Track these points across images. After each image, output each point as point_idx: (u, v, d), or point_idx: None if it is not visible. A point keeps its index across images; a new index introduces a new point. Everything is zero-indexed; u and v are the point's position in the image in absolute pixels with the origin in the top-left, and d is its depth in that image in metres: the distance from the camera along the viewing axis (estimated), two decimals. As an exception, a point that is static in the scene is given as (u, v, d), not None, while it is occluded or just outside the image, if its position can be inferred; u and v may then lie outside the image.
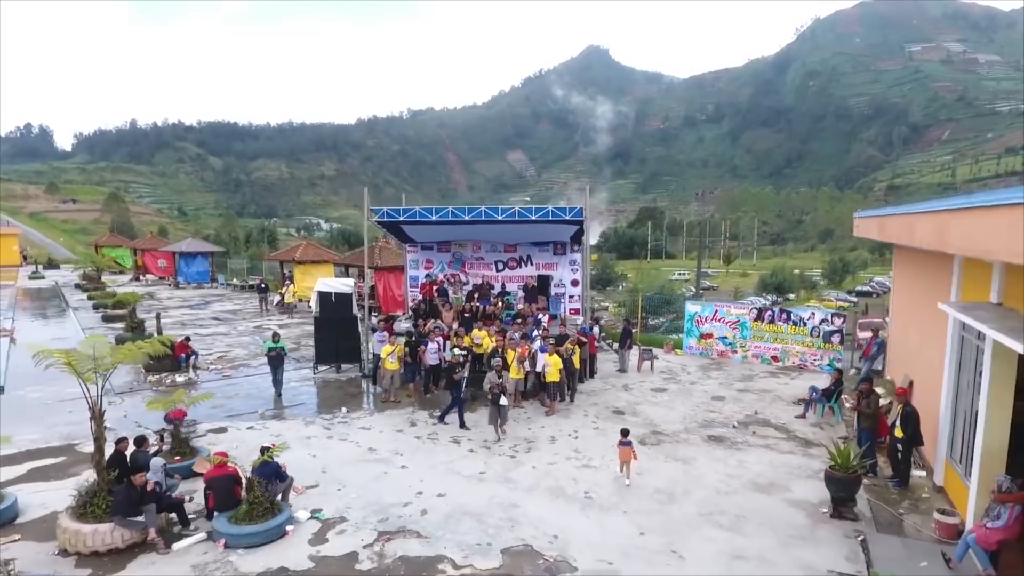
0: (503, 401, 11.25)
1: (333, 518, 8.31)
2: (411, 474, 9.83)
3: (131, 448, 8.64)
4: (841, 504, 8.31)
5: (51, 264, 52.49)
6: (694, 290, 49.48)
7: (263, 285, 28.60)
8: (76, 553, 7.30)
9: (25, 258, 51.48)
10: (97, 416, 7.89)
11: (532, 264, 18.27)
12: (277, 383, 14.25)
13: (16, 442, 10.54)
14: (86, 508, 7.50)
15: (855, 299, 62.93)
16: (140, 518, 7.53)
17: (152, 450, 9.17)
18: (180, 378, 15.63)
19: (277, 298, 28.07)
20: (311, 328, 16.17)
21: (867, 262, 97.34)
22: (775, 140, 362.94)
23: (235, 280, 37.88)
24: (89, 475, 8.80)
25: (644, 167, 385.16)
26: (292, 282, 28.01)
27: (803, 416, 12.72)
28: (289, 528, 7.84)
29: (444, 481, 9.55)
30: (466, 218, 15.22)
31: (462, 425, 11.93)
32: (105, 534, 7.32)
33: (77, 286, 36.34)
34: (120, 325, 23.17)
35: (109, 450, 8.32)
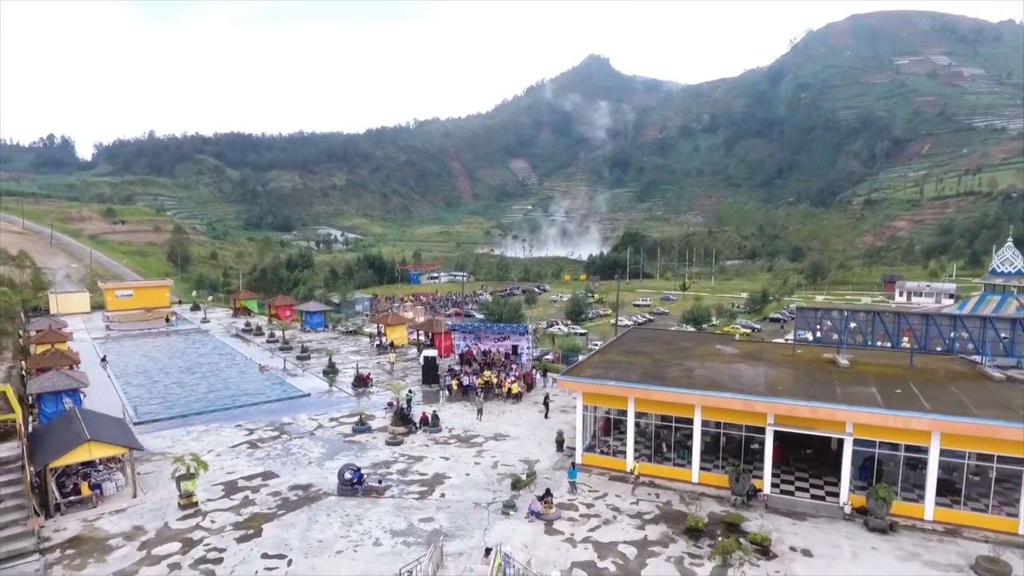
0: (479, 406, 34.74)
1: (451, 428, 32.25)
2: (466, 420, 33.67)
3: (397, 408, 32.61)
4: (582, 425, 32.05)
5: (195, 307, 74.82)
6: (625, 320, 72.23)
7: (380, 341, 52.24)
8: (395, 434, 31.05)
9: (180, 301, 73.96)
10: (396, 402, 31.91)
11: (510, 340, 41.99)
12: (410, 404, 36.45)
13: (341, 411, 34.42)
14: (395, 423, 31.45)
15: (759, 327, 77.89)
16: (409, 425, 31.53)
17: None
18: (372, 389, 39.23)
19: (376, 342, 51.79)
20: (405, 364, 39.30)
21: (794, 288, 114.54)
22: (767, 150, 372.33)
23: (340, 327, 61.73)
24: (382, 418, 32.78)
25: (642, 175, 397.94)
26: (386, 336, 51.68)
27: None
28: (442, 428, 31.81)
29: (477, 422, 33.41)
30: (482, 328, 39.18)
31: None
32: (400, 429, 31.25)
33: (244, 331, 59.62)
34: (305, 361, 46.99)
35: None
